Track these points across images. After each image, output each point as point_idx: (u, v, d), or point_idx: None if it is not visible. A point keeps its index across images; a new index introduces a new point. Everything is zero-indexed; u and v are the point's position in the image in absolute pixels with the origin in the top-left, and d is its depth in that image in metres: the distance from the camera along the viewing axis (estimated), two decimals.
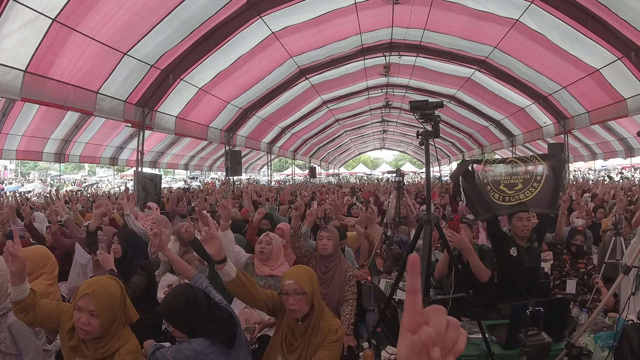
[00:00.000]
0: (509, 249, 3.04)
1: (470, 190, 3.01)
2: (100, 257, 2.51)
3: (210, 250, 1.72)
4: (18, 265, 1.59)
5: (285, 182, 25.03)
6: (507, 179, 3.03)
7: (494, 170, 3.09)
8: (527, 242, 3.11)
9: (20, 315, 1.67)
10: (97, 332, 1.59)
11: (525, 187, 2.96)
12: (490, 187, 3.02)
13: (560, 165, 3.05)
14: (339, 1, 6.63)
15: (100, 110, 6.16)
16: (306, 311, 1.87)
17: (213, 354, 1.69)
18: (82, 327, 1.57)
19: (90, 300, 1.58)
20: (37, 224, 4.74)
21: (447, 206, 7.14)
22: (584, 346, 2.20)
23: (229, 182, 12.05)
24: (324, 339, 1.87)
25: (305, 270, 1.99)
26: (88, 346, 1.63)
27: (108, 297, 1.63)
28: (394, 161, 47.16)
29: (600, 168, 22.60)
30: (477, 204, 2.99)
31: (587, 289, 3.20)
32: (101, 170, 37.71)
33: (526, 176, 3.00)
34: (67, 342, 1.65)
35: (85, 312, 1.57)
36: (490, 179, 3.05)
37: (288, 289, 1.85)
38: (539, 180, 2.94)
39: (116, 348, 1.63)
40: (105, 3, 4.68)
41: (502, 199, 2.99)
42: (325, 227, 2.94)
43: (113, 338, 1.64)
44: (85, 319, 1.57)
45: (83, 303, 1.59)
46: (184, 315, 1.72)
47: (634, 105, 6.84)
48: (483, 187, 3.02)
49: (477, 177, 3.06)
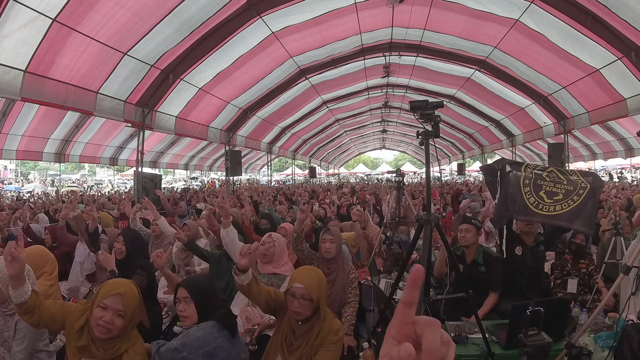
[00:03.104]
0: (514, 247, 3.04)
1: (502, 189, 2.85)
2: (102, 258, 2.52)
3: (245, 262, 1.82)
4: (16, 267, 1.56)
5: (285, 182, 25.01)
6: (550, 185, 2.79)
7: (534, 174, 2.86)
8: (534, 242, 3.10)
9: (25, 317, 1.66)
10: (117, 332, 1.59)
11: (565, 199, 2.72)
12: (529, 190, 2.79)
13: (599, 184, 2.78)
14: (339, 1, 6.63)
15: (100, 110, 6.16)
16: (309, 315, 1.87)
17: (220, 339, 1.76)
18: (105, 325, 1.56)
19: (121, 300, 1.59)
20: (40, 226, 4.75)
21: (448, 206, 7.14)
22: (584, 346, 2.19)
23: (229, 182, 12.06)
24: (325, 340, 1.87)
25: (316, 275, 1.95)
26: (98, 346, 1.62)
27: (134, 299, 1.66)
28: (394, 161, 47.15)
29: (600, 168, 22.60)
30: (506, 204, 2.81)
31: (587, 289, 3.19)
32: (101, 171, 37.71)
33: (569, 187, 2.76)
34: (75, 342, 1.64)
35: (111, 311, 1.57)
36: (532, 180, 2.81)
37: (295, 292, 1.84)
38: (580, 194, 2.71)
39: (125, 349, 1.63)
40: (105, 3, 4.68)
41: (536, 206, 2.75)
42: (327, 230, 2.92)
43: (124, 339, 1.65)
44: (110, 318, 1.56)
45: (111, 302, 1.58)
46: (205, 291, 1.85)
47: (634, 105, 6.84)
48: (519, 189, 2.80)
49: (513, 177, 2.85)
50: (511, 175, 2.85)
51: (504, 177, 2.86)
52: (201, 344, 1.71)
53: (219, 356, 1.73)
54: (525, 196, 2.79)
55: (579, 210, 2.67)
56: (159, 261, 2.37)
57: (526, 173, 2.84)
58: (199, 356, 1.68)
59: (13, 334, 1.98)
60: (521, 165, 2.93)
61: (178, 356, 1.67)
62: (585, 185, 2.74)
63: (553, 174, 2.86)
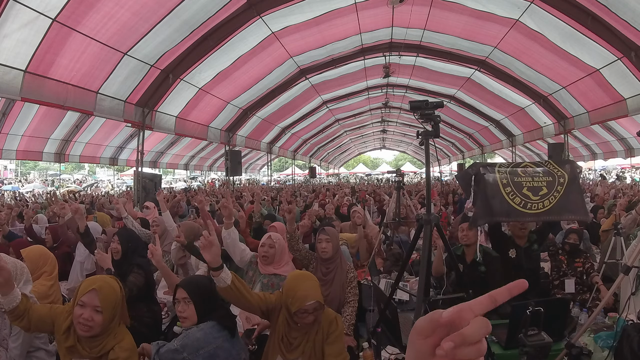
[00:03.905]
0: (507, 250, 3.04)
1: (479, 192, 2.74)
2: (98, 257, 2.52)
3: (207, 257, 1.72)
4: (4, 275, 1.57)
5: (285, 182, 25.00)
6: (529, 181, 2.68)
7: (508, 172, 2.75)
8: (527, 242, 3.10)
9: (16, 322, 1.67)
10: (98, 328, 1.59)
11: (550, 191, 2.63)
12: (510, 189, 2.67)
13: (575, 169, 2.70)
14: (339, 1, 6.64)
15: (100, 110, 6.16)
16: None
17: (220, 339, 1.76)
18: (85, 322, 1.56)
19: (97, 295, 1.59)
20: (39, 226, 4.74)
21: (448, 206, 7.13)
22: (584, 346, 2.20)
23: (229, 182, 12.06)
24: (327, 333, 1.88)
25: (315, 282, 1.93)
26: (84, 346, 1.63)
27: (112, 294, 1.65)
28: (394, 161, 47.13)
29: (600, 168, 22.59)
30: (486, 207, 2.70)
31: (586, 288, 3.20)
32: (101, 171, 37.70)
33: (549, 178, 2.66)
34: (63, 343, 1.65)
35: (89, 308, 1.58)
36: (511, 180, 2.68)
37: (308, 309, 1.81)
38: (562, 183, 2.63)
39: (111, 346, 1.63)
40: (105, 3, 4.68)
41: (524, 206, 2.63)
42: (323, 230, 2.87)
43: (109, 336, 1.65)
44: (89, 315, 1.57)
45: (88, 299, 1.59)
46: (205, 291, 1.84)
47: (634, 105, 6.85)
48: (498, 190, 2.67)
49: (489, 178, 2.73)
50: (486, 176, 2.74)
51: (479, 180, 2.75)
52: (201, 345, 1.71)
53: (220, 357, 1.73)
54: (509, 197, 2.66)
55: (565, 201, 2.61)
56: (155, 256, 2.35)
57: (500, 174, 2.73)
58: (199, 357, 1.68)
59: (9, 331, 1.99)
60: (494, 166, 2.83)
61: (178, 357, 1.67)
62: (563, 175, 2.67)
63: (528, 167, 2.77)
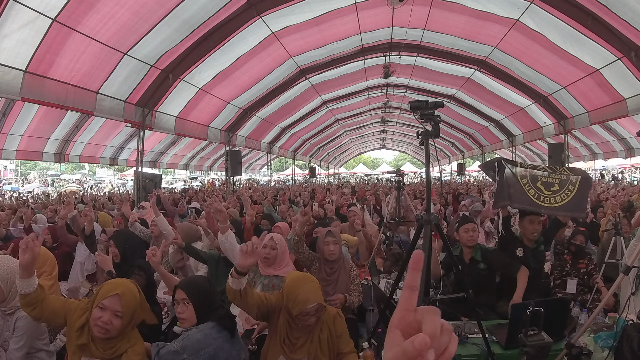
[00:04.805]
0: (515, 249, 3.04)
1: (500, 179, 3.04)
2: (99, 259, 2.51)
3: (243, 262, 1.76)
4: (29, 258, 1.63)
5: (285, 182, 24.99)
6: (545, 176, 2.97)
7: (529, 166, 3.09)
8: (534, 244, 3.11)
9: (28, 309, 1.69)
10: (116, 332, 1.60)
11: (562, 189, 2.89)
12: (526, 181, 2.96)
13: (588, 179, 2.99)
14: (339, 1, 6.63)
15: (100, 110, 6.16)
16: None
17: (220, 339, 1.76)
18: (103, 325, 1.57)
19: (119, 301, 1.60)
20: (38, 226, 4.74)
21: (449, 206, 7.13)
22: (584, 346, 2.19)
23: (229, 182, 12.06)
24: (331, 330, 1.90)
25: (315, 283, 1.95)
26: (97, 345, 1.63)
27: (133, 300, 1.67)
28: (394, 161, 47.12)
29: (600, 168, 22.58)
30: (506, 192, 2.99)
31: (587, 289, 3.20)
32: (101, 170, 37.69)
33: (562, 177, 2.93)
34: (75, 340, 1.65)
35: (109, 312, 1.58)
36: (528, 174, 3.00)
37: (310, 311, 1.84)
38: (574, 183, 2.88)
39: (124, 349, 1.64)
40: (105, 3, 4.68)
41: (538, 198, 2.91)
42: (330, 232, 2.90)
43: (123, 339, 1.66)
44: (108, 319, 1.57)
45: (109, 303, 1.59)
46: (204, 292, 1.85)
47: (634, 105, 6.84)
48: (517, 181, 2.99)
49: (509, 171, 3.04)
50: (507, 167, 3.06)
51: (502, 169, 3.07)
52: (201, 346, 1.70)
53: (220, 357, 1.73)
54: (525, 187, 2.95)
55: (576, 199, 2.85)
56: (154, 259, 2.37)
57: (520, 167, 3.06)
58: (199, 358, 1.68)
59: (12, 333, 1.98)
60: (516, 163, 3.18)
61: (179, 358, 1.67)
62: (576, 178, 2.92)
63: (544, 170, 3.07)
